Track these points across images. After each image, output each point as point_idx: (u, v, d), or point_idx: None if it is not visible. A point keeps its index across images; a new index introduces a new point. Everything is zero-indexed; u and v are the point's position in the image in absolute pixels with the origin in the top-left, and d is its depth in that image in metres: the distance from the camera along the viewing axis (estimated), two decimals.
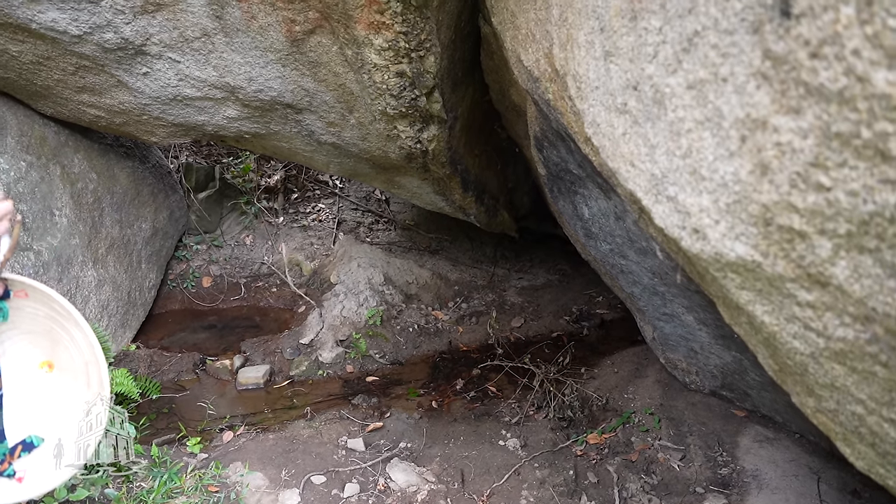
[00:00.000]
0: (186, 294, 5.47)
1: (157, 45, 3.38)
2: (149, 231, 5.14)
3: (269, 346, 4.67)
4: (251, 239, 6.02)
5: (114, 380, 3.64)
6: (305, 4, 3.01)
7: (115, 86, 3.77)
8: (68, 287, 4.10)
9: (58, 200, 4.21)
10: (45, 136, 4.27)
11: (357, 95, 3.54)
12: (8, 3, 3.09)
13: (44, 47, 3.44)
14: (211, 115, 4.00)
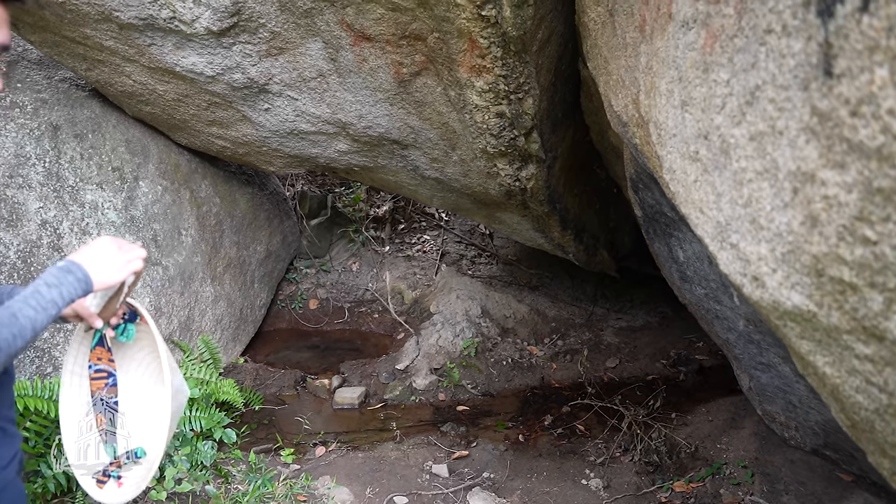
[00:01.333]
0: (294, 314, 5.78)
1: (278, 84, 3.67)
2: (263, 253, 5.48)
3: (366, 369, 4.86)
4: (357, 266, 6.28)
5: (221, 388, 3.91)
6: (412, 49, 3.20)
7: (241, 120, 4.10)
8: (188, 300, 4.44)
9: (185, 221, 4.59)
10: (178, 164, 4.68)
11: (459, 134, 3.68)
12: (160, 51, 3.46)
13: (183, 86, 3.81)
14: (324, 148, 4.26)
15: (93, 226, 3.87)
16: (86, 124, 4.06)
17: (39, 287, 1.37)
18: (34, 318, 1.34)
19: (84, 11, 3.23)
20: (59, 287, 1.38)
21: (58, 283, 1.38)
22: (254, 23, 3.24)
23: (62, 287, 1.39)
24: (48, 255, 3.53)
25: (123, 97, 4.10)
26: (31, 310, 1.33)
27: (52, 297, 1.37)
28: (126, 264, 1.51)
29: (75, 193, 3.84)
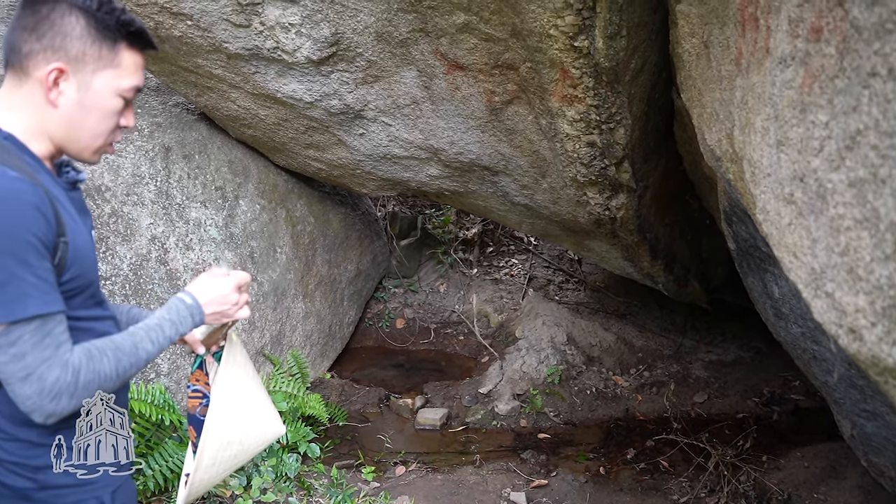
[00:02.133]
0: (381, 333, 5.87)
1: (373, 110, 3.77)
2: (353, 272, 5.61)
3: (449, 391, 4.87)
4: (445, 287, 6.33)
5: (308, 403, 4.01)
6: (504, 78, 3.22)
7: (336, 144, 4.23)
8: (280, 316, 4.59)
9: (280, 239, 4.76)
10: (276, 184, 4.86)
11: (549, 162, 3.67)
12: (263, 78, 3.63)
13: (284, 111, 3.97)
14: (415, 172, 4.34)
15: (196, 242, 4.07)
16: (193, 146, 4.28)
17: (163, 324, 1.48)
18: (150, 352, 1.44)
19: (198, 44, 3.42)
20: (178, 326, 1.50)
21: (179, 323, 1.50)
22: (351, 52, 3.35)
23: (181, 326, 1.51)
24: (155, 268, 3.73)
25: (228, 121, 4.31)
26: (150, 343, 1.44)
27: (170, 334, 1.48)
28: (236, 308, 1.63)
29: (181, 211, 4.05)
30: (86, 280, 1.44)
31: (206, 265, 4.07)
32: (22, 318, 1.23)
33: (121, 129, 1.48)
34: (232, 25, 3.28)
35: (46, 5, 1.34)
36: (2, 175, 1.24)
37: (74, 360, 1.29)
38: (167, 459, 3.16)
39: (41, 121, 1.38)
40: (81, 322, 1.44)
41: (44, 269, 1.27)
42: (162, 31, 3.35)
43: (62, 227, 1.34)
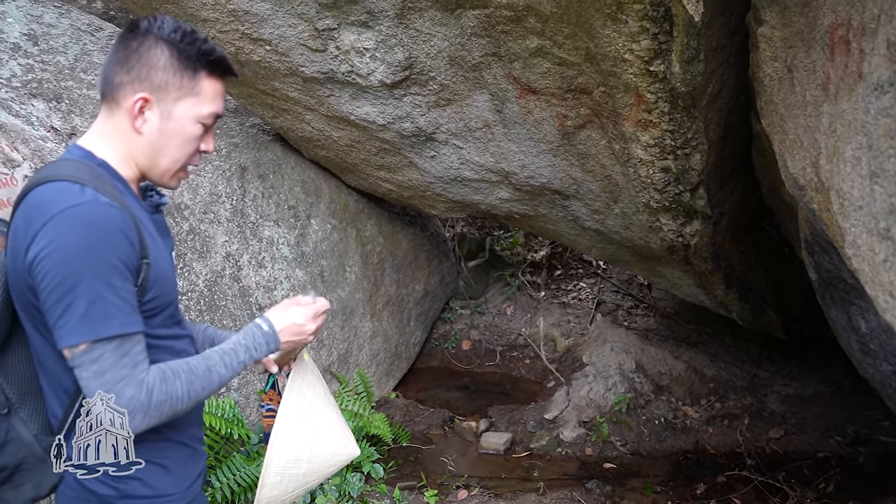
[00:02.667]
0: (446, 353, 5.84)
1: (444, 133, 3.77)
2: (420, 292, 5.61)
3: (514, 416, 4.80)
4: (512, 309, 6.27)
5: (373, 422, 4.01)
6: (577, 102, 3.17)
7: (407, 165, 4.25)
8: (348, 334, 4.62)
9: (350, 259, 4.81)
10: (347, 204, 4.92)
11: (622, 187, 3.59)
12: (337, 101, 3.68)
13: (356, 133, 4.02)
14: (486, 195, 4.31)
15: (268, 259, 4.14)
16: (268, 166, 4.38)
17: (238, 349, 1.51)
18: (223, 376, 1.47)
19: (275, 68, 3.51)
20: (252, 352, 1.53)
21: (254, 349, 1.53)
22: (424, 76, 3.36)
23: (255, 353, 1.54)
24: (229, 284, 3.81)
25: (302, 141, 4.40)
26: (224, 368, 1.47)
27: (243, 359, 1.51)
28: (310, 336, 1.65)
29: (255, 229, 4.14)
30: (166, 300, 1.49)
31: (277, 283, 4.14)
32: (104, 337, 1.28)
33: (200, 153, 1.54)
34: (308, 50, 3.34)
35: (136, 39, 1.42)
36: (94, 200, 1.31)
37: (149, 380, 1.33)
38: (235, 473, 3.20)
39: (129, 147, 1.47)
40: (161, 340, 1.50)
41: (126, 291, 1.33)
42: (242, 56, 3.44)
43: (145, 249, 1.39)
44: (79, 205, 1.29)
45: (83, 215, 1.28)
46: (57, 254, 1.26)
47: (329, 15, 3.12)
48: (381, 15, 3.07)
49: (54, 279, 1.26)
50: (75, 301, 1.26)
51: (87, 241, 1.27)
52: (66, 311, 1.27)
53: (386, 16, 3.07)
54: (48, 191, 1.32)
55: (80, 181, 1.33)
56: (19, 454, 1.40)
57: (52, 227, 1.27)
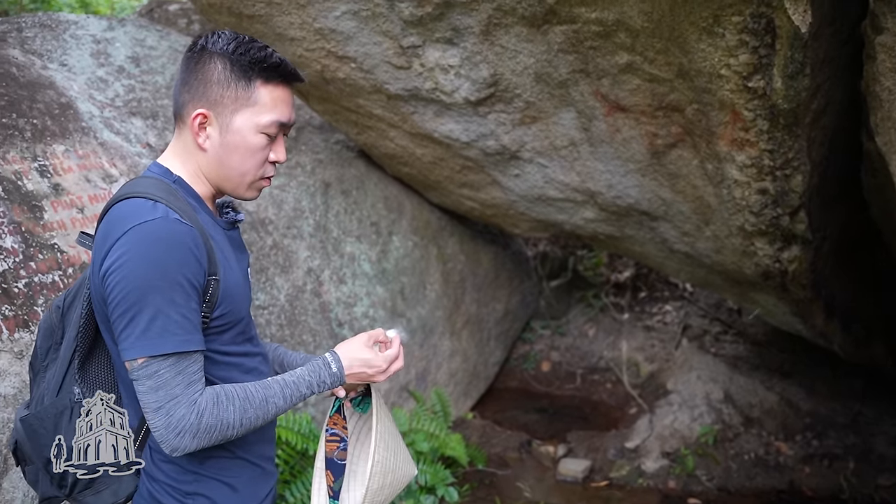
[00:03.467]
0: (525, 374, 5.69)
1: (529, 151, 3.66)
2: (501, 312, 5.49)
3: (593, 442, 4.60)
4: (594, 331, 6.06)
5: (448, 444, 3.91)
6: (668, 120, 3.01)
7: (490, 184, 4.16)
8: (427, 353, 4.55)
9: (431, 276, 4.74)
10: (429, 221, 4.87)
11: (714, 209, 3.39)
12: (421, 118, 3.64)
13: (440, 151, 3.96)
14: (570, 215, 4.17)
15: (349, 276, 4.13)
16: (352, 182, 4.38)
17: (300, 383, 1.47)
18: (280, 407, 1.43)
19: (360, 85, 3.49)
20: (314, 388, 1.49)
21: (317, 385, 1.49)
22: (509, 93, 3.27)
23: (317, 388, 1.49)
24: (309, 300, 3.81)
25: (385, 158, 4.38)
26: (282, 400, 1.43)
27: (304, 393, 1.47)
28: (383, 377, 1.59)
29: (337, 245, 4.13)
30: (236, 317, 1.48)
31: (358, 299, 4.12)
32: (161, 354, 1.28)
33: (272, 163, 1.51)
34: (393, 67, 3.31)
35: (194, 58, 1.44)
36: (164, 217, 1.31)
37: (201, 402, 1.32)
38: (309, 488, 3.16)
39: (198, 164, 1.49)
40: (231, 357, 1.49)
41: (188, 309, 1.32)
42: (328, 73, 3.45)
43: (214, 266, 1.38)
44: (149, 221, 1.30)
45: (152, 231, 1.29)
46: (125, 268, 1.27)
47: (414, 32, 3.08)
48: (467, 32, 3.00)
49: (120, 293, 1.27)
50: (138, 316, 1.27)
51: (154, 258, 1.28)
52: (129, 325, 1.28)
53: (471, 32, 2.99)
54: (125, 206, 1.35)
55: (154, 198, 1.35)
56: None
57: (123, 241, 1.29)
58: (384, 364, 1.57)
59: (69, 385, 1.47)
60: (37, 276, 2.50)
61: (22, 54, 3.26)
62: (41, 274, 2.51)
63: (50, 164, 2.76)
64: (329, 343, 3.81)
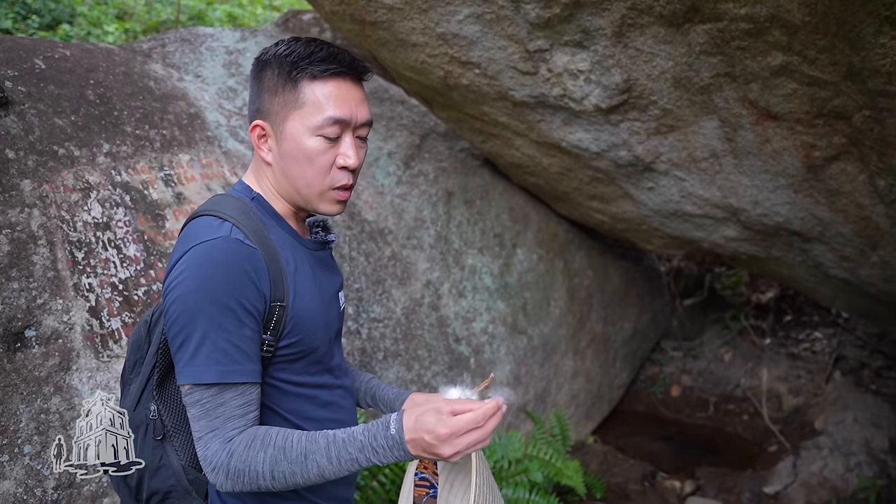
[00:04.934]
0: (653, 398, 5.24)
1: (664, 163, 3.28)
2: (629, 331, 5.08)
3: (725, 481, 4.10)
4: (730, 356, 5.49)
5: (565, 472, 3.59)
6: (830, 129, 2.55)
7: (622, 196, 3.80)
8: (548, 372, 4.25)
9: (555, 292, 4.44)
10: (556, 233, 4.56)
11: (884, 231, 2.87)
12: (548, 127, 3.36)
13: (568, 161, 3.66)
14: (708, 232, 3.74)
15: (469, 289, 3.91)
16: (475, 191, 4.16)
17: (350, 444, 1.18)
18: (324, 468, 1.18)
19: (484, 91, 3.27)
20: (370, 454, 1.18)
21: (371, 450, 1.18)
22: (644, 100, 2.92)
23: (375, 456, 1.17)
24: (427, 313, 3.63)
25: (511, 167, 4.12)
26: (326, 460, 1.18)
27: (355, 457, 1.18)
28: (445, 449, 1.16)
29: (458, 257, 3.93)
30: (308, 345, 1.33)
31: (477, 314, 3.89)
32: (203, 383, 1.17)
33: (342, 169, 1.31)
34: (518, 73, 3.05)
35: (255, 74, 1.34)
36: (225, 237, 1.20)
37: (236, 441, 1.19)
38: None
39: (267, 180, 1.37)
40: (303, 388, 1.36)
41: (240, 336, 1.19)
42: (451, 80, 3.25)
43: (281, 291, 1.25)
44: (209, 241, 1.20)
45: (209, 252, 1.19)
46: (178, 289, 1.18)
47: (541, 35, 2.81)
48: (598, 34, 2.68)
49: (173, 314, 1.19)
50: (187, 340, 1.17)
51: (206, 280, 1.17)
52: (180, 348, 1.19)
53: (603, 34, 2.68)
54: (195, 224, 1.27)
55: (224, 216, 1.25)
56: (169, 481, 1.34)
57: (184, 260, 1.20)
58: (449, 432, 1.13)
59: (146, 401, 1.38)
60: (155, 285, 2.47)
61: (162, 68, 3.30)
62: (160, 282, 2.48)
63: (174, 174, 2.74)
64: (445, 360, 3.61)
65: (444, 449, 1.14)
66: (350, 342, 3.15)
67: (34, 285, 2.19)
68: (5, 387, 2.04)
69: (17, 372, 2.08)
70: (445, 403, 1.19)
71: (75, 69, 2.77)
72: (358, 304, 3.29)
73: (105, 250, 2.37)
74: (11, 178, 2.27)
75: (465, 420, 1.14)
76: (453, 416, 1.15)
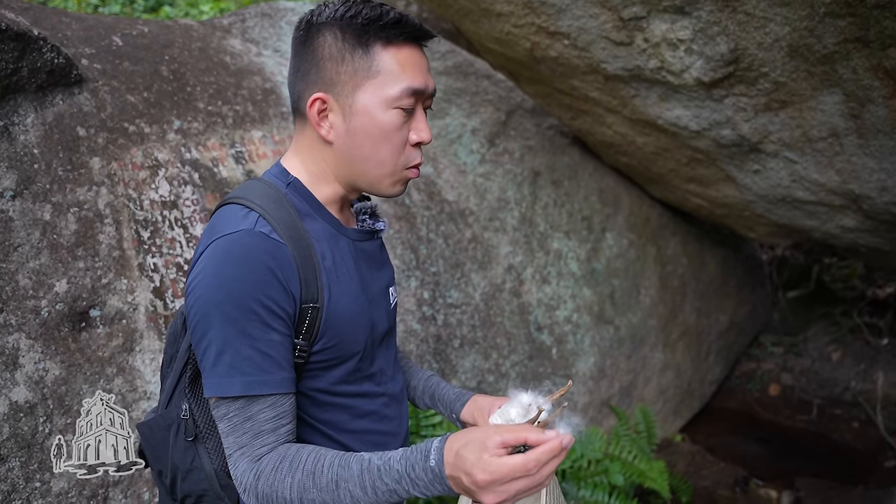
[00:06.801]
0: (748, 396, 4.81)
1: (774, 143, 2.88)
2: (725, 324, 4.66)
3: (831, 496, 3.67)
4: (839, 355, 4.96)
5: (649, 474, 3.29)
6: None
7: (723, 180, 3.42)
8: (635, 365, 3.93)
9: (646, 280, 4.09)
10: (649, 218, 4.21)
11: None
12: (643, 102, 3.03)
13: (664, 140, 3.31)
14: (822, 221, 3.30)
15: (553, 275, 3.64)
16: (563, 171, 3.86)
17: (385, 472, 0.96)
18: (357, 499, 0.97)
19: (574, 64, 2.96)
20: (405, 483, 0.95)
21: (409, 481, 0.95)
22: (753, 72, 2.54)
23: (409, 484, 0.95)
24: (507, 300, 3.39)
25: (602, 146, 3.80)
26: (360, 489, 0.96)
27: (389, 487, 0.96)
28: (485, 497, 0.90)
29: (543, 240, 3.66)
30: (346, 351, 1.15)
31: (561, 301, 3.62)
32: (228, 396, 1.02)
33: (415, 146, 1.15)
34: (611, 44, 2.73)
35: (301, 37, 1.13)
36: (249, 230, 1.03)
37: (264, 461, 1.02)
38: None
39: (323, 161, 1.16)
40: (340, 398, 1.19)
41: (267, 342, 1.02)
42: (538, 52, 2.96)
43: (314, 290, 1.07)
44: (232, 233, 1.03)
45: (229, 248, 1.01)
46: (198, 289, 1.02)
47: (636, 1, 2.48)
48: None
49: (194, 318, 1.03)
50: (209, 348, 1.02)
51: (225, 280, 1.00)
52: (203, 357, 1.03)
53: None
54: (220, 214, 1.10)
55: (251, 205, 1.08)
56: (201, 484, 1.22)
57: (205, 256, 1.04)
58: (490, 479, 0.88)
59: (178, 399, 1.24)
60: None
61: (241, 43, 3.19)
62: None
63: (246, 151, 2.61)
64: (525, 349, 3.37)
65: (485, 497, 0.89)
66: (425, 329, 2.97)
67: (99, 265, 2.11)
68: (70, 366, 1.97)
69: (80, 352, 2.01)
70: (495, 433, 0.92)
71: (151, 45, 2.68)
72: (434, 288, 3.09)
73: (171, 230, 2.27)
74: (81, 156, 2.19)
75: (510, 466, 0.87)
76: (498, 458, 0.88)
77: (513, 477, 0.88)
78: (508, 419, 1.29)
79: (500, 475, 0.87)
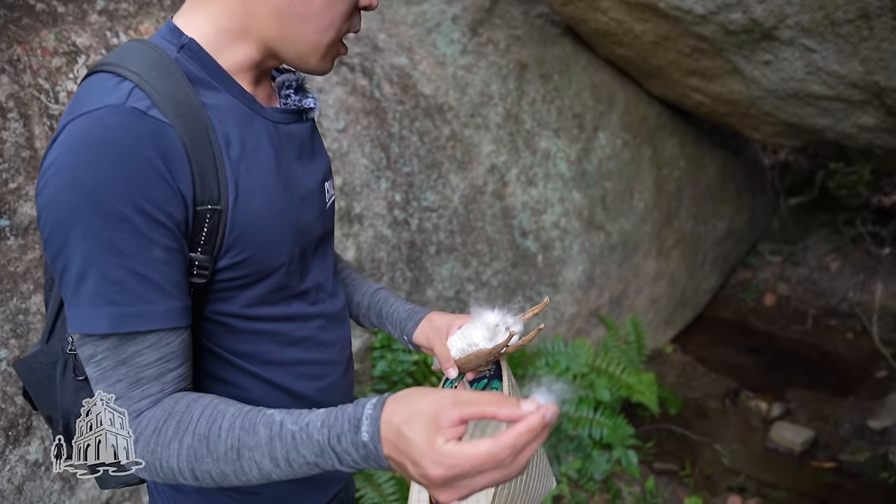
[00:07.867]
0: (743, 306, 4.63)
1: (790, 27, 2.52)
2: (722, 231, 4.41)
3: (820, 408, 3.53)
4: (838, 265, 4.74)
5: (637, 387, 3.13)
6: None
7: (729, 73, 3.06)
8: (626, 274, 3.70)
9: (641, 183, 3.81)
10: (645, 116, 3.87)
11: None
12: None
13: (665, 27, 2.93)
14: (838, 119, 2.98)
15: (540, 176, 3.34)
16: (553, 64, 3.49)
17: (302, 442, 0.69)
18: (268, 473, 0.71)
19: None
20: (333, 463, 0.69)
21: (330, 451, 0.68)
22: None
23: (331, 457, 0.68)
24: (489, 203, 3.11)
25: (596, 36, 3.41)
26: (271, 462, 0.70)
27: (305, 459, 0.69)
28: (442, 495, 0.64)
29: (529, 139, 3.34)
30: (265, 264, 0.86)
31: (549, 205, 3.34)
32: (94, 334, 0.74)
33: (359, 12, 0.89)
34: None
35: None
36: (117, 104, 0.73)
37: (143, 420, 0.76)
38: None
39: (242, 18, 0.84)
40: (262, 323, 0.91)
41: (145, 260, 0.73)
42: None
43: (213, 186, 0.78)
44: (94, 111, 0.73)
45: (90, 129, 0.72)
46: (48, 189, 0.73)
47: None
48: None
49: (44, 227, 0.75)
50: (66, 269, 0.74)
51: (82, 175, 0.71)
52: (61, 281, 0.76)
53: None
54: (85, 85, 0.79)
55: (124, 72, 0.77)
56: None
57: (59, 142, 0.74)
58: (447, 475, 0.61)
59: (61, 330, 0.96)
60: None
61: None
62: None
63: None
64: (508, 256, 3.12)
65: (441, 495, 0.63)
66: (397, 234, 2.70)
67: (5, 167, 1.80)
68: None
69: None
70: (451, 403, 0.64)
71: None
72: (408, 190, 2.80)
73: None
74: None
75: (474, 459, 0.61)
76: (456, 448, 0.61)
77: (479, 471, 0.61)
78: (471, 343, 1.04)
79: (460, 470, 0.61)
